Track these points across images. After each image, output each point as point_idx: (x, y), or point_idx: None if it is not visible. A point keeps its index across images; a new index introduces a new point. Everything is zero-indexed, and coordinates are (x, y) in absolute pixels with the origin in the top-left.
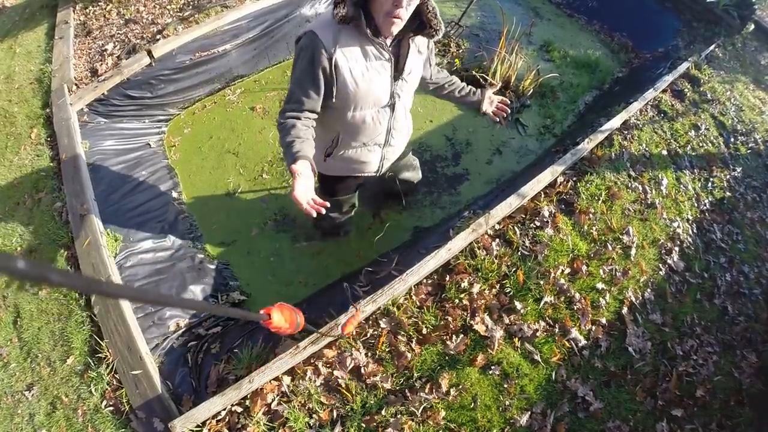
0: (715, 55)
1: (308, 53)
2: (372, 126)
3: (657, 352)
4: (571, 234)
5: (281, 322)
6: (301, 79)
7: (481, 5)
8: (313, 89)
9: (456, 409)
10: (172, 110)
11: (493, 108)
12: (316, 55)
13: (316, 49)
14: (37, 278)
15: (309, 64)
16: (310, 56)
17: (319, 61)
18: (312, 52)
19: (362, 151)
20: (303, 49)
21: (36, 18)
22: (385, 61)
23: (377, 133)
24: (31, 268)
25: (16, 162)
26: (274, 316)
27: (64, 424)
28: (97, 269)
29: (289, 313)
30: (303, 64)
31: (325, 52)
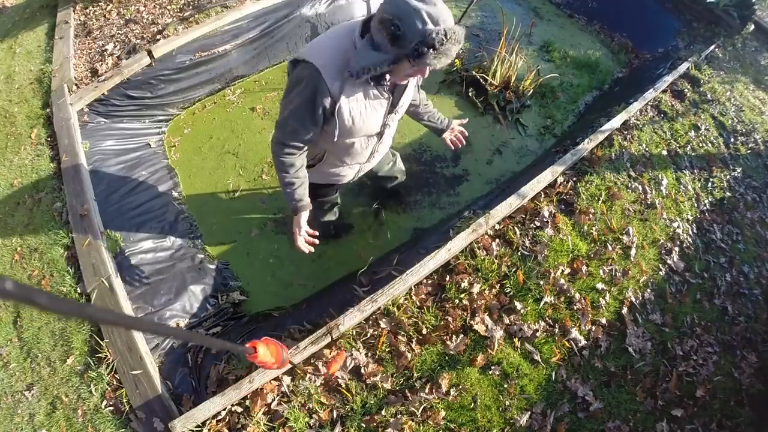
0: (715, 56)
1: (310, 90)
2: (359, 150)
3: (657, 352)
4: (571, 234)
5: (267, 357)
6: (301, 114)
7: (481, 5)
8: (311, 125)
9: (456, 409)
10: (172, 110)
11: (451, 136)
12: (318, 95)
13: (318, 88)
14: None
15: (310, 101)
16: (312, 94)
17: (321, 102)
18: (314, 90)
19: (343, 168)
20: (305, 83)
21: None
22: (384, 99)
23: (362, 155)
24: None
25: (16, 162)
26: (260, 350)
27: (64, 424)
28: (97, 269)
29: (275, 348)
30: (303, 99)
31: (328, 95)
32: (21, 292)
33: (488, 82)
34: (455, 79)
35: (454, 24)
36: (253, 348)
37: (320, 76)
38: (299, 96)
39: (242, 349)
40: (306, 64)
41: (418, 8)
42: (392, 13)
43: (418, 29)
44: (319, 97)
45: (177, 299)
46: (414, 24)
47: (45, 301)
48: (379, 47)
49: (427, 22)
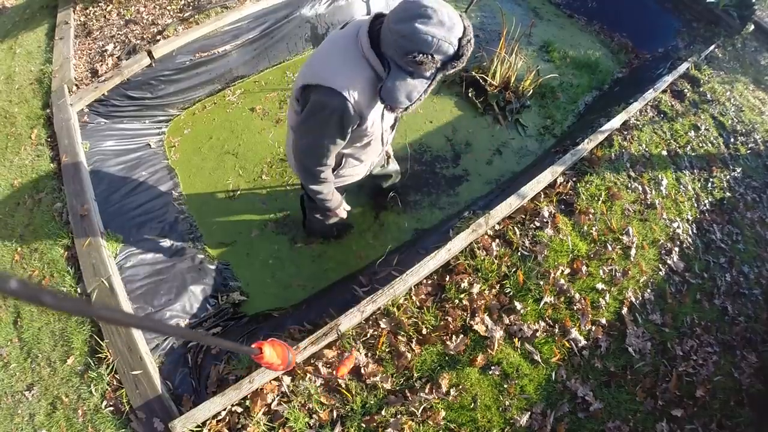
0: (714, 56)
1: (338, 119)
2: (376, 146)
3: (657, 352)
4: (571, 234)
5: (273, 358)
6: (333, 141)
7: (481, 5)
8: (342, 142)
9: (456, 410)
10: (172, 111)
11: None
12: (347, 121)
13: (347, 116)
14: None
15: (339, 129)
16: (341, 122)
17: (350, 125)
18: (343, 119)
19: (359, 166)
20: (332, 111)
21: (36, 18)
22: None
23: (375, 153)
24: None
25: (16, 162)
26: (266, 351)
27: (64, 425)
28: (97, 269)
29: (282, 350)
30: (334, 129)
31: (355, 113)
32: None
33: (488, 82)
34: (455, 80)
35: (462, 21)
36: (259, 349)
37: (346, 101)
38: (329, 123)
39: (248, 350)
40: (328, 90)
41: (445, 38)
42: (423, 50)
43: (451, 53)
44: (347, 122)
45: (177, 299)
46: (446, 52)
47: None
48: (413, 73)
49: (455, 45)
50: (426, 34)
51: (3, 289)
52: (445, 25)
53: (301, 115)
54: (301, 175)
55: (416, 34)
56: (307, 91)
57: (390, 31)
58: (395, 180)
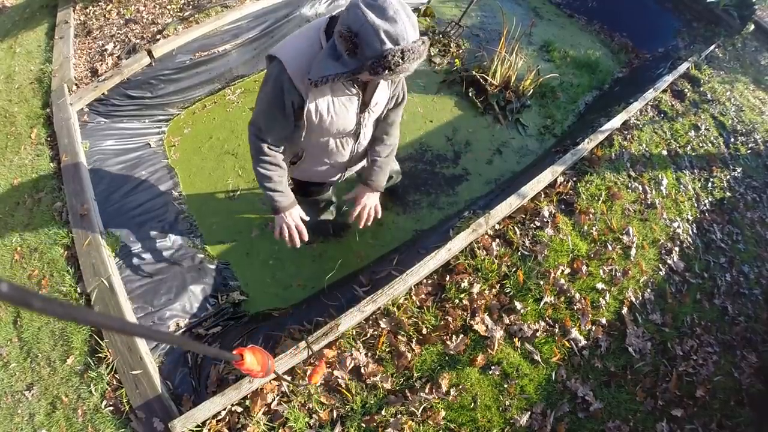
0: (715, 55)
1: (278, 87)
2: (335, 150)
3: (657, 352)
4: (571, 234)
5: (253, 364)
6: (272, 110)
7: (481, 5)
8: (283, 120)
9: (456, 409)
10: (172, 110)
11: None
12: (285, 92)
13: (285, 86)
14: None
15: (278, 97)
16: (279, 91)
17: (288, 98)
18: (281, 87)
19: (325, 168)
20: (273, 80)
21: (36, 18)
22: (353, 96)
23: (340, 156)
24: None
25: (16, 162)
26: (247, 357)
27: (64, 424)
28: (97, 269)
29: (261, 357)
30: (272, 96)
31: (295, 92)
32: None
33: (488, 82)
34: (455, 79)
35: (415, 38)
36: (240, 355)
37: (285, 71)
38: (269, 93)
39: (229, 356)
40: (276, 61)
41: (377, 26)
42: (351, 27)
43: (376, 48)
44: (287, 94)
45: (177, 299)
46: (372, 42)
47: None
48: (339, 56)
49: (385, 41)
50: (361, 13)
51: None
52: (386, 16)
53: None
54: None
55: (354, 10)
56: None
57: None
58: (396, 180)
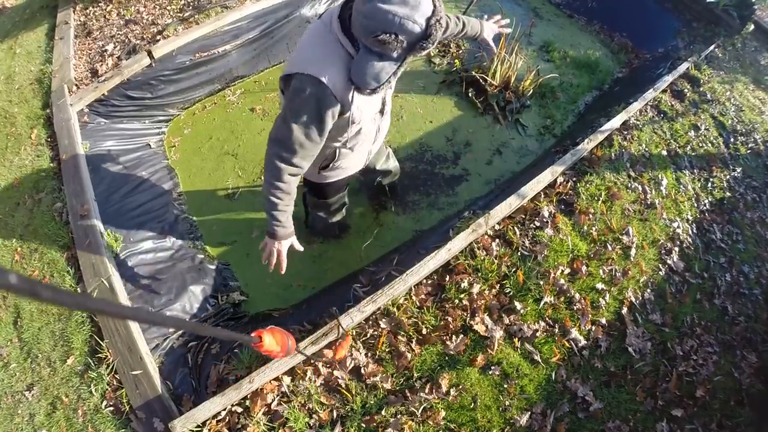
0: (714, 56)
1: (315, 103)
2: (367, 134)
3: (657, 352)
4: (571, 234)
5: (273, 345)
6: (306, 132)
7: (481, 5)
8: (320, 137)
9: (456, 409)
10: (172, 111)
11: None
12: (325, 105)
13: (325, 99)
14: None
15: (317, 116)
16: (318, 107)
17: (328, 109)
18: (320, 102)
19: (355, 155)
20: (308, 97)
21: (36, 18)
22: None
23: (370, 137)
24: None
25: (16, 162)
26: (266, 339)
27: (64, 425)
28: (97, 269)
29: (281, 337)
30: (309, 116)
31: (336, 101)
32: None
33: (488, 82)
34: (455, 80)
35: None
36: (259, 337)
37: (324, 86)
38: (305, 112)
39: (248, 339)
40: (306, 77)
41: (409, 16)
42: (386, 29)
43: (419, 34)
44: (328, 108)
45: (177, 299)
46: (413, 31)
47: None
48: (383, 55)
49: (422, 23)
50: (387, 13)
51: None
52: (409, 4)
53: (282, 104)
54: (265, 170)
55: (378, 13)
56: (284, 82)
57: (356, 11)
58: (395, 177)
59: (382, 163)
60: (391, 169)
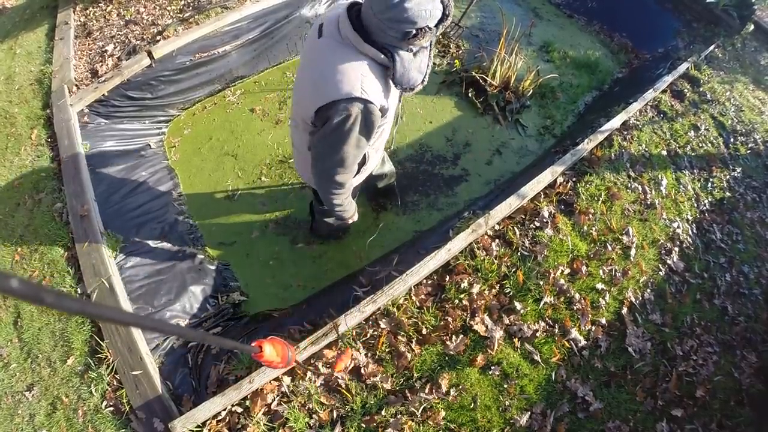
0: (714, 56)
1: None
2: (386, 130)
3: (657, 352)
4: (571, 234)
5: (273, 356)
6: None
7: (480, 6)
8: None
9: (456, 410)
10: (172, 111)
11: None
12: (372, 120)
13: (371, 115)
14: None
15: (366, 131)
16: (366, 124)
17: (375, 123)
18: (368, 119)
19: (376, 156)
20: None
21: (36, 19)
22: None
23: (387, 134)
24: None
25: (16, 163)
26: (266, 349)
27: (65, 425)
28: (97, 270)
29: (282, 348)
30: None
31: (378, 110)
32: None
33: (488, 82)
34: (455, 80)
35: None
36: (260, 347)
37: (368, 102)
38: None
39: (249, 348)
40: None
41: (423, 6)
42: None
43: (438, 14)
44: (375, 121)
45: (177, 300)
46: (437, 13)
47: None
48: (419, 50)
49: (437, 7)
50: (420, 9)
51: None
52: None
53: (320, 132)
54: (323, 186)
55: (412, 13)
56: (323, 112)
57: (380, 21)
58: (390, 180)
59: (378, 168)
60: (387, 173)
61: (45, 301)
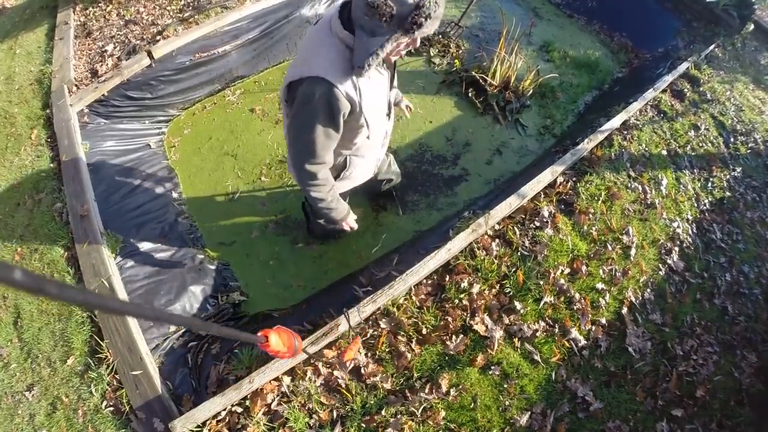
0: (714, 55)
1: (326, 105)
2: (376, 139)
3: (657, 352)
4: (571, 234)
5: (279, 345)
6: (325, 132)
7: (480, 6)
8: (338, 132)
9: (456, 409)
10: (172, 111)
11: None
12: (336, 106)
13: (335, 100)
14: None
15: (330, 117)
16: (329, 108)
17: (339, 110)
18: (331, 104)
19: (366, 163)
20: (318, 100)
21: (36, 19)
22: (384, 78)
23: (378, 142)
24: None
25: (16, 163)
26: (272, 339)
27: (65, 425)
28: (97, 270)
29: (288, 337)
30: (323, 118)
31: (345, 100)
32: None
33: (488, 82)
34: (455, 80)
35: None
36: (265, 337)
37: (334, 87)
38: (318, 115)
39: (254, 338)
40: (316, 81)
41: None
42: None
43: (411, 3)
44: (339, 109)
45: (177, 300)
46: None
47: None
48: (374, 32)
49: None
50: None
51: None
52: None
53: (291, 112)
54: (297, 177)
55: None
56: (293, 88)
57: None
58: (395, 182)
59: (384, 172)
60: (393, 177)
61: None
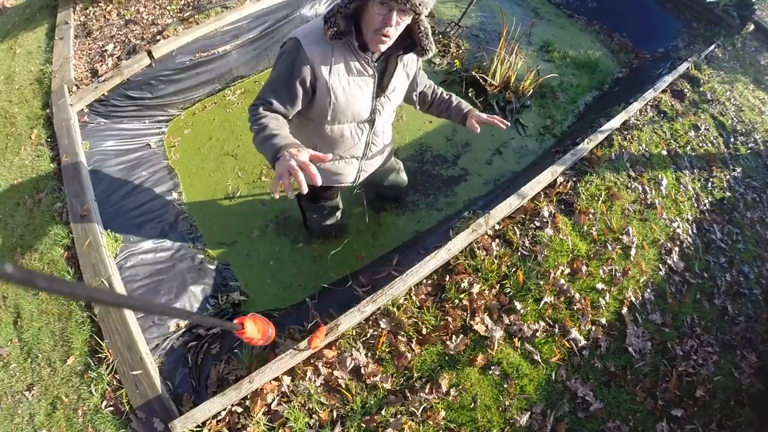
0: (714, 55)
1: (289, 62)
2: (350, 140)
3: (657, 352)
4: (571, 234)
5: (254, 332)
6: (277, 86)
7: (481, 6)
8: (287, 98)
9: (456, 409)
10: (172, 111)
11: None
12: (297, 65)
13: (298, 59)
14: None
15: (288, 74)
16: (290, 66)
17: (299, 72)
18: (293, 62)
19: (339, 163)
20: (285, 55)
21: (36, 18)
22: (368, 77)
23: (355, 146)
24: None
25: (16, 162)
26: (247, 326)
27: (64, 425)
28: (97, 269)
29: (262, 325)
30: (282, 72)
31: (307, 65)
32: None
33: (488, 82)
34: (455, 80)
35: None
36: (241, 324)
37: (301, 47)
38: (279, 68)
39: (230, 325)
40: (290, 40)
41: None
42: None
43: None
44: (298, 65)
45: (177, 299)
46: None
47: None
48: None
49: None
50: None
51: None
52: None
53: None
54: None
55: None
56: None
57: None
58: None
59: (391, 179)
60: (399, 183)
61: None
